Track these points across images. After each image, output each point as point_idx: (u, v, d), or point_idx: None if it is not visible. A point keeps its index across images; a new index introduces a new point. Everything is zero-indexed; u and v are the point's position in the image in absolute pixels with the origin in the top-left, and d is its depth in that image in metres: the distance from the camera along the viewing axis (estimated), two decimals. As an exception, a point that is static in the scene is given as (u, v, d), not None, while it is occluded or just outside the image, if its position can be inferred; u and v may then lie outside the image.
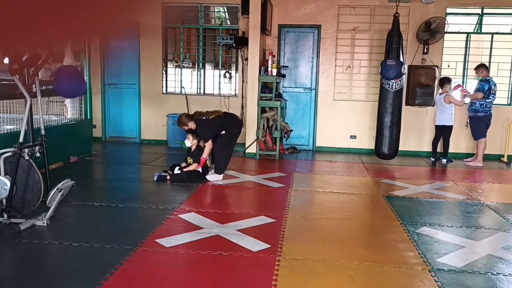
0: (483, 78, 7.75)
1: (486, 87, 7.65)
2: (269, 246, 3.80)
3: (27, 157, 4.16)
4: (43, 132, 4.46)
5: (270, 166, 7.39)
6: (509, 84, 8.52)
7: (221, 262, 3.51)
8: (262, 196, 5.73)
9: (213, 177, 6.14)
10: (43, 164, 4.48)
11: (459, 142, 8.48)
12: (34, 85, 4.42)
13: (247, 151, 8.14)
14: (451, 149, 8.07)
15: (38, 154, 4.34)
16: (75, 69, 5.39)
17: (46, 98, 6.69)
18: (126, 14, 0.81)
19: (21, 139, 4.13)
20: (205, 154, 6.12)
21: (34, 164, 4.22)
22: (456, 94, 8.00)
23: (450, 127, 7.94)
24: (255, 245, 3.81)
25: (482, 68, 7.82)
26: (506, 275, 3.43)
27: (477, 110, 7.75)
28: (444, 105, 7.84)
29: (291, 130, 8.43)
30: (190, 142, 6.29)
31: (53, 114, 7.10)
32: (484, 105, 7.70)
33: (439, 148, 8.08)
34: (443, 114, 7.90)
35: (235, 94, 9.21)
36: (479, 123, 7.80)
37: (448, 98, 7.81)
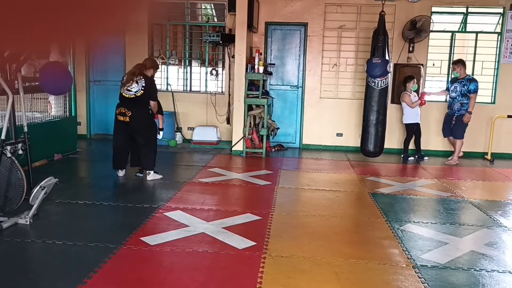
0: (470, 77, 7.73)
1: (478, 87, 7.68)
2: (255, 243, 3.79)
3: (9, 155, 4.09)
4: (25, 129, 4.40)
5: (257, 164, 7.39)
6: (493, 82, 8.62)
7: (207, 260, 3.50)
8: (248, 193, 5.73)
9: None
10: (26, 162, 4.42)
11: (440, 140, 8.50)
12: (16, 81, 4.36)
13: (233, 148, 8.13)
14: (432, 147, 8.29)
15: (20, 152, 4.28)
16: (62, 65, 5.32)
17: (30, 94, 6.60)
18: (119, 16, 0.79)
19: (2, 136, 4.07)
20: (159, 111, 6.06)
21: (16, 161, 4.16)
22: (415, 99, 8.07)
23: (410, 125, 8.08)
24: (241, 242, 3.81)
25: (461, 64, 7.73)
26: (489, 271, 3.48)
27: (468, 109, 7.73)
28: (403, 103, 8.07)
29: (278, 128, 8.44)
30: None
31: (36, 111, 7.01)
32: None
33: (411, 146, 8.25)
34: (404, 112, 8.11)
35: (222, 92, 9.19)
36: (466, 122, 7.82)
37: (402, 97, 7.97)
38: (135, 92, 5.65)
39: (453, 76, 7.93)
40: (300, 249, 3.74)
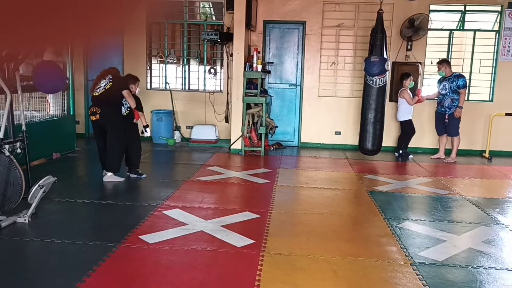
0: (457, 73, 7.81)
1: (466, 82, 7.78)
2: (253, 241, 3.81)
3: (7, 153, 4.10)
4: (24, 128, 4.40)
5: (255, 162, 7.40)
6: (491, 80, 8.64)
7: (205, 258, 3.51)
8: (247, 192, 5.74)
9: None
10: (24, 161, 4.42)
11: (434, 138, 8.50)
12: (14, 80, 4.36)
13: (232, 147, 8.13)
14: (426, 145, 8.38)
15: (19, 150, 4.28)
16: (55, 64, 5.32)
17: (28, 93, 6.60)
18: (117, 15, 0.79)
19: (1, 135, 4.07)
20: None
21: (15, 160, 4.16)
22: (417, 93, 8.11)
23: (404, 122, 8.10)
24: (239, 240, 3.82)
25: (446, 64, 7.83)
26: (486, 268, 3.49)
27: (458, 104, 7.78)
28: (399, 100, 8.04)
29: (276, 126, 8.45)
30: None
31: (35, 110, 7.01)
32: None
33: (396, 143, 8.34)
34: (399, 109, 8.12)
35: (220, 90, 9.19)
36: (459, 119, 7.86)
37: (401, 94, 7.97)
38: (104, 86, 5.67)
39: (439, 76, 7.99)
40: (299, 247, 3.75)
